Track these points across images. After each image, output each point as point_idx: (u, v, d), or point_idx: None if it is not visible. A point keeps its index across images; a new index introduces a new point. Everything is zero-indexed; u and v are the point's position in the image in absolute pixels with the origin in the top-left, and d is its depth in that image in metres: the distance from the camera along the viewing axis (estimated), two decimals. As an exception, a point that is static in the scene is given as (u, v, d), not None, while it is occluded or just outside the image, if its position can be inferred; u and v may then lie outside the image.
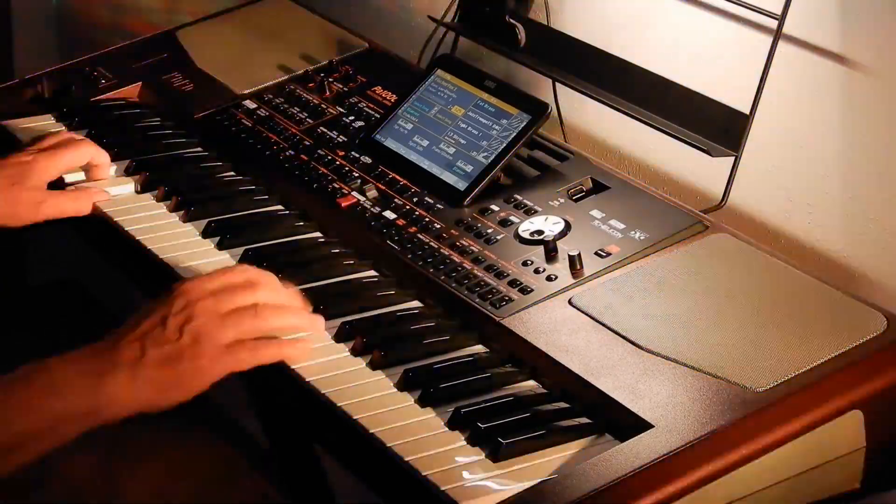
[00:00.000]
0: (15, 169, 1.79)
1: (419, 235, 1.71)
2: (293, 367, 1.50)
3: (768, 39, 1.73)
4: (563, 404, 1.44)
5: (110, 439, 1.45)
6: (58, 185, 1.85)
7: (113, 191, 1.85)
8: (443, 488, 1.31)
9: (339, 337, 1.55)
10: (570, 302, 1.56)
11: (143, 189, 1.87)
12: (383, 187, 1.82)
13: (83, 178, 1.88)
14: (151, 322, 1.45)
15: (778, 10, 1.72)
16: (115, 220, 1.80)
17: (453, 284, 1.61)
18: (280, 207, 1.84)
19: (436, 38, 2.17)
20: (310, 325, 1.55)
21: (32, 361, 1.43)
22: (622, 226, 1.67)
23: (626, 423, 1.38)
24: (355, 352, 1.53)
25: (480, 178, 1.77)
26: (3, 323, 3.08)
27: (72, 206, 1.82)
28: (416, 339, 1.55)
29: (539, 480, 1.32)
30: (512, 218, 1.71)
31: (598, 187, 1.75)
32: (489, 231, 1.69)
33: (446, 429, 1.40)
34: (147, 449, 2.72)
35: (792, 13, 1.71)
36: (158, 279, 1.70)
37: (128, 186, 1.87)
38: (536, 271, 1.61)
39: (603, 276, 1.59)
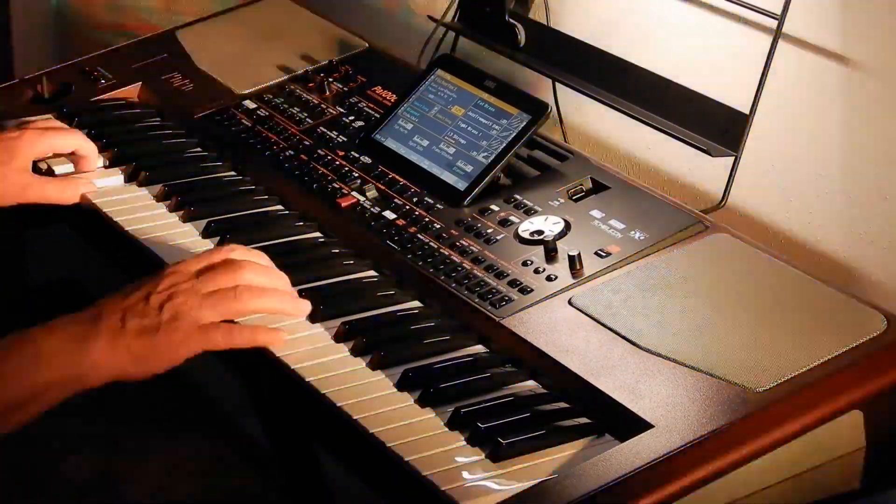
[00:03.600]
0: (1, 147, 1.83)
1: (419, 235, 1.71)
2: (293, 367, 1.50)
3: (768, 39, 1.73)
4: (563, 404, 1.44)
5: (110, 439, 1.46)
6: (46, 175, 1.88)
7: (99, 182, 1.87)
8: (443, 488, 1.31)
9: (339, 337, 1.55)
10: (570, 302, 1.56)
11: (142, 188, 1.87)
12: (383, 187, 1.82)
13: (72, 169, 1.90)
14: (136, 297, 1.51)
15: (778, 10, 1.72)
16: (115, 219, 1.80)
17: (453, 284, 1.61)
18: (280, 207, 1.84)
19: (436, 38, 2.17)
20: (293, 308, 1.57)
21: (14, 332, 1.49)
22: (622, 226, 1.67)
23: (626, 423, 1.38)
24: (355, 352, 1.53)
25: (480, 178, 1.77)
26: (4, 323, 3.09)
27: (56, 193, 1.85)
28: (416, 339, 1.55)
29: (539, 480, 1.32)
30: (512, 218, 1.71)
31: (598, 187, 1.75)
32: (489, 231, 1.69)
33: (446, 429, 1.40)
34: (147, 449, 2.72)
35: (792, 13, 1.71)
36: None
37: (114, 178, 1.89)
38: (536, 271, 1.61)
39: (603, 276, 1.59)
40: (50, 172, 1.89)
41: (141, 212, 1.82)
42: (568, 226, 1.68)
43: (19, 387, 1.46)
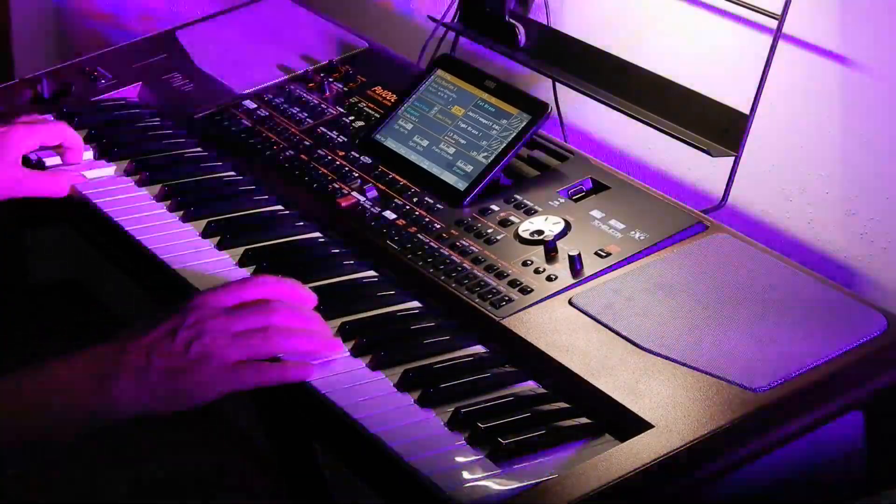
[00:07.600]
0: None
1: (419, 235, 1.71)
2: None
3: (768, 39, 1.73)
4: (563, 404, 1.44)
5: (107, 439, 1.45)
6: (37, 167, 1.90)
7: (89, 174, 1.88)
8: (443, 488, 1.31)
9: (339, 337, 1.55)
10: (570, 302, 1.56)
11: (142, 188, 1.87)
12: (383, 187, 1.82)
13: (59, 162, 1.91)
14: (162, 332, 1.45)
15: (778, 10, 1.72)
16: (116, 219, 1.80)
17: (453, 284, 1.61)
18: (280, 207, 1.84)
19: (436, 38, 2.17)
20: (323, 349, 1.52)
21: (31, 364, 1.43)
22: (622, 226, 1.67)
23: (626, 423, 1.38)
24: (355, 352, 1.53)
25: (480, 178, 1.77)
26: (4, 322, 3.08)
27: (48, 186, 1.86)
28: (416, 339, 1.55)
29: (539, 480, 1.32)
30: (512, 218, 1.71)
31: (598, 187, 1.75)
32: (489, 231, 1.69)
33: (446, 429, 1.40)
34: (146, 449, 2.72)
35: (792, 13, 1.71)
36: (159, 279, 1.70)
37: (105, 170, 1.90)
38: (536, 271, 1.61)
39: (603, 276, 1.59)
40: (40, 165, 1.90)
41: (141, 212, 1.82)
42: (568, 226, 1.68)
43: (33, 422, 1.41)
